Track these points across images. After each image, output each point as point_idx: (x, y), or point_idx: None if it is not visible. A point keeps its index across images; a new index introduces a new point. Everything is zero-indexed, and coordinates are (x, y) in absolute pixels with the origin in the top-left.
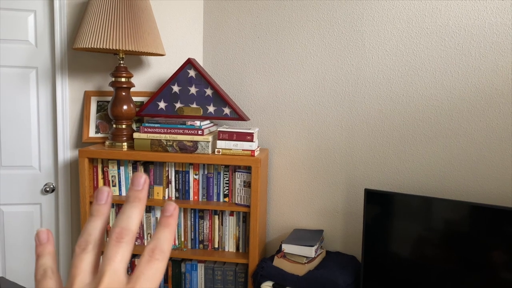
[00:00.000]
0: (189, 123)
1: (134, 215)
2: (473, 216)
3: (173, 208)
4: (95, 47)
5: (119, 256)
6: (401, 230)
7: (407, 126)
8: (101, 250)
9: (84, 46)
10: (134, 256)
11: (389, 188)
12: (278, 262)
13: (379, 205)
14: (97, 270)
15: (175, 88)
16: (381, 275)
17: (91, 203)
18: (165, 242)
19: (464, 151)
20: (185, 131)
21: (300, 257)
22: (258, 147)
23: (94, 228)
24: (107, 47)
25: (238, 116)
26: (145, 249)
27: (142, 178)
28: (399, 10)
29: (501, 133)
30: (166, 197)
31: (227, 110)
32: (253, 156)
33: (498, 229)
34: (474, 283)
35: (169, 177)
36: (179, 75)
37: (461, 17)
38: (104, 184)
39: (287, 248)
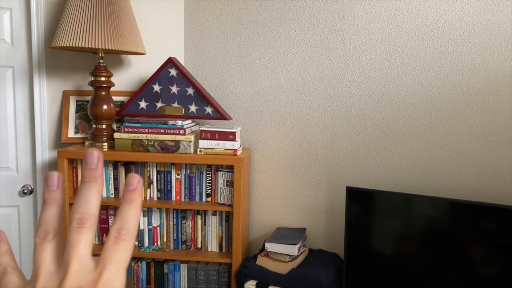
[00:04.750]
0: (170, 122)
1: (92, 197)
2: (452, 212)
3: (136, 181)
4: (73, 45)
5: (83, 242)
6: (382, 227)
7: (388, 124)
8: (62, 237)
9: (62, 45)
10: None
11: (371, 186)
12: (261, 261)
13: (361, 202)
14: (61, 258)
15: (156, 88)
16: (363, 272)
17: (71, 204)
18: (130, 220)
19: (443, 148)
20: (166, 130)
21: (283, 256)
22: (240, 146)
23: (50, 216)
24: (86, 45)
25: (220, 115)
26: (110, 229)
27: (95, 155)
28: (379, 10)
29: (479, 130)
30: (148, 198)
31: (209, 110)
32: (236, 155)
33: (477, 225)
34: (454, 278)
35: (151, 178)
36: (160, 74)
37: (439, 17)
38: None
39: (270, 247)
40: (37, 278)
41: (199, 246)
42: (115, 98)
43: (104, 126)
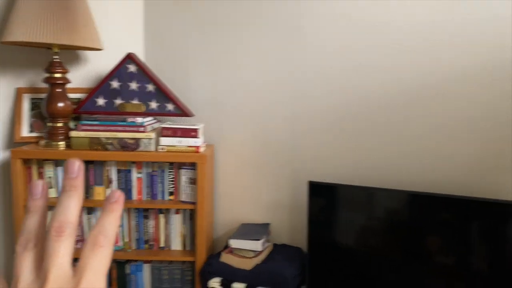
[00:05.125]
0: (130, 120)
1: (72, 205)
2: (413, 204)
3: (118, 195)
4: (25, 41)
5: (62, 251)
6: (345, 221)
7: (348, 120)
8: (43, 246)
9: (14, 40)
10: None
11: (334, 180)
12: (225, 258)
13: (323, 196)
14: (42, 267)
15: (115, 84)
16: (326, 265)
17: (25, 207)
18: (109, 227)
19: (403, 142)
20: (126, 128)
21: (248, 252)
22: (203, 143)
23: (33, 224)
24: (39, 40)
25: (182, 112)
26: (88, 236)
27: (76, 165)
28: (341, 6)
29: (436, 125)
30: None
31: (170, 106)
32: (198, 152)
33: (436, 216)
34: (415, 268)
35: (111, 177)
36: (118, 71)
37: (400, 14)
38: None
39: (234, 243)
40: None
41: (162, 245)
42: (71, 95)
43: (60, 125)
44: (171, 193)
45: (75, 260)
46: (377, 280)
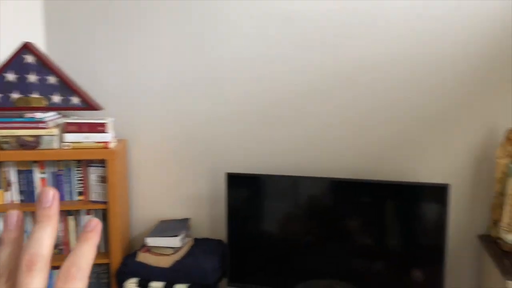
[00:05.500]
0: (28, 115)
1: (45, 237)
2: (330, 190)
3: (94, 224)
4: None
5: (33, 285)
6: (264, 210)
7: (265, 111)
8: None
9: None
10: None
11: (253, 170)
12: (142, 257)
13: (241, 187)
14: None
15: (10, 77)
16: (247, 256)
17: None
18: (83, 258)
19: (317, 131)
20: (24, 125)
21: (166, 249)
22: (113, 138)
23: (5, 258)
24: None
25: (88, 105)
26: (61, 268)
27: (50, 194)
28: None
29: (344, 112)
30: (8, 202)
31: (75, 100)
32: (108, 148)
33: (354, 200)
34: (337, 250)
35: (9, 179)
36: (13, 62)
37: (310, 6)
38: None
39: (151, 241)
40: None
41: None
42: None
43: None
44: (80, 193)
45: None
46: (300, 265)
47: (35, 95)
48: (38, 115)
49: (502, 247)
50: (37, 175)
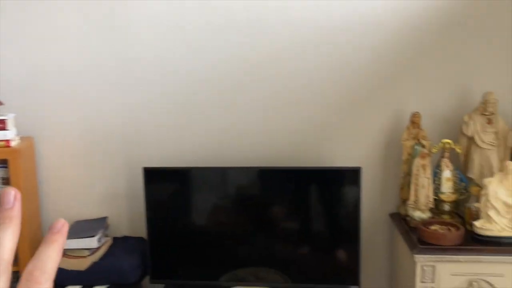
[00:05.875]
0: None
1: (5, 240)
2: (251, 179)
3: (60, 225)
4: None
5: None
6: (185, 203)
7: (183, 102)
8: None
9: None
10: None
11: (175, 163)
12: None
13: (160, 182)
14: None
15: None
16: (170, 251)
17: None
18: (47, 261)
19: (239, 120)
20: None
21: (82, 251)
22: (16, 136)
23: None
24: None
25: None
26: (23, 272)
27: (11, 194)
28: None
29: (266, 102)
30: None
31: None
32: (9, 147)
33: (275, 188)
34: (260, 239)
35: None
36: None
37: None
38: None
39: (65, 244)
40: None
41: None
42: None
43: None
44: None
45: None
46: (225, 256)
47: None
48: None
49: (409, 223)
50: None
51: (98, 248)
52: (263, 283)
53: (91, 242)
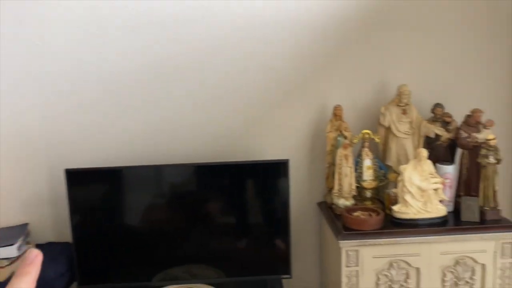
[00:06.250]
0: None
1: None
2: (181, 176)
3: (34, 256)
4: None
5: None
6: (113, 204)
7: (108, 100)
8: None
9: None
10: None
11: (103, 163)
12: None
13: (85, 183)
14: None
15: None
16: (98, 255)
17: None
18: None
19: (171, 117)
20: None
21: (0, 261)
22: None
23: None
24: None
25: None
26: None
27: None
28: None
29: (197, 97)
30: None
31: None
32: None
33: (208, 184)
34: (193, 236)
35: None
36: None
37: None
38: None
39: None
40: None
41: None
42: None
43: None
44: None
45: None
46: (157, 256)
47: None
48: None
49: (335, 211)
50: None
51: (18, 257)
52: (197, 280)
53: (10, 251)
